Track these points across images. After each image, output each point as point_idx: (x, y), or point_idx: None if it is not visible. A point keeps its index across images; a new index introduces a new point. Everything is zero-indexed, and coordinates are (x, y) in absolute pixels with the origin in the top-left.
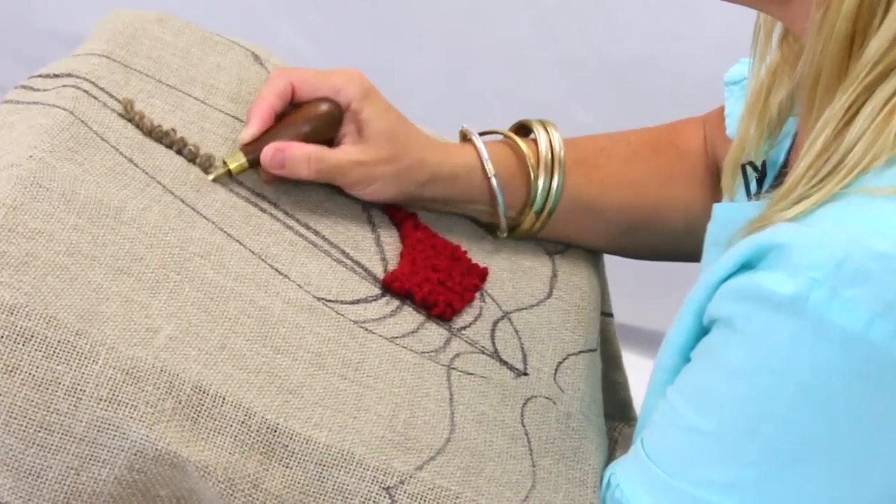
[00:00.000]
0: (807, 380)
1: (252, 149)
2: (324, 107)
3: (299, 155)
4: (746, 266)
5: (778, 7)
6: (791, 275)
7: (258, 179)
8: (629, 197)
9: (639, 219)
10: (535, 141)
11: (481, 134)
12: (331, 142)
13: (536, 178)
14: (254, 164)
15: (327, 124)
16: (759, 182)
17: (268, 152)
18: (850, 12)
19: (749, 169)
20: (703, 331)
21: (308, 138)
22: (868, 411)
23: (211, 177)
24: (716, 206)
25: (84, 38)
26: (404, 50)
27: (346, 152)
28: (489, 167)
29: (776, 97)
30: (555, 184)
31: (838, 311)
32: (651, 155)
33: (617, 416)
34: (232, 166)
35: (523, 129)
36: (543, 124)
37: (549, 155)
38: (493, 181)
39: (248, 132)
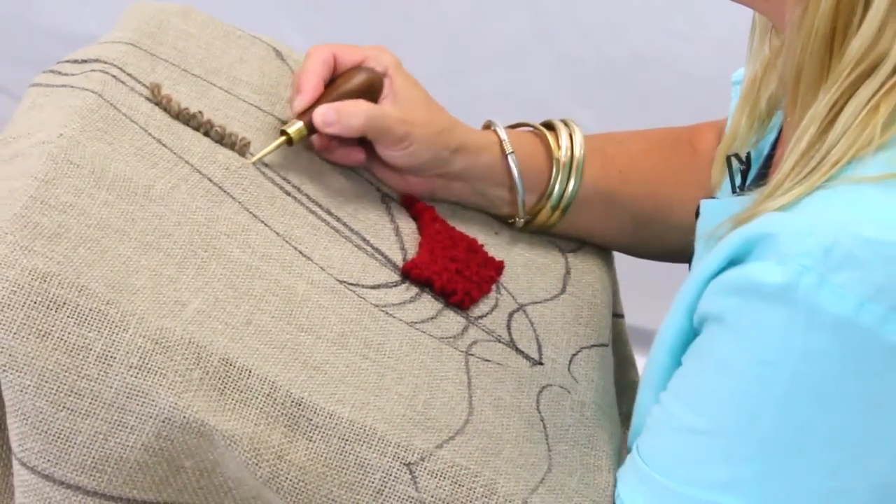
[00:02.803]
0: (800, 368)
1: (306, 117)
2: (366, 74)
3: (351, 108)
4: (734, 261)
5: (761, 2)
6: (780, 263)
7: (284, 162)
8: (646, 188)
9: (654, 211)
10: (557, 136)
11: (510, 127)
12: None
13: (559, 166)
14: (311, 130)
15: (371, 87)
16: (744, 174)
17: (320, 110)
18: (829, 11)
19: (734, 161)
20: (692, 331)
21: (355, 98)
22: (863, 397)
23: (270, 147)
24: (703, 203)
25: (85, 36)
26: (404, 50)
27: (390, 109)
28: (507, 146)
29: (766, 90)
30: (572, 182)
31: (828, 297)
32: (669, 151)
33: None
34: (291, 131)
35: (547, 127)
36: (566, 123)
37: (570, 151)
38: (511, 159)
39: (302, 100)
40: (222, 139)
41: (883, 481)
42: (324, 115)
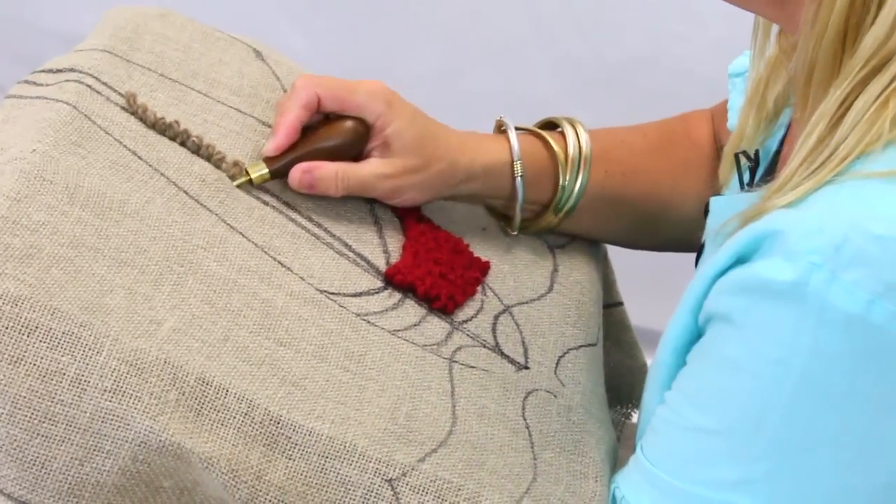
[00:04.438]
0: (810, 366)
1: (276, 161)
2: (350, 123)
3: (327, 174)
4: (742, 259)
5: (772, 9)
6: (789, 260)
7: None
8: (648, 188)
9: (656, 209)
10: (563, 135)
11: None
12: (358, 156)
13: (564, 177)
14: (275, 175)
15: (354, 140)
16: (752, 171)
17: (295, 174)
18: (843, 8)
19: (742, 158)
20: (697, 330)
21: (334, 153)
22: (873, 394)
23: (234, 184)
24: (712, 200)
25: (83, 36)
26: (403, 50)
27: (372, 166)
28: (518, 168)
29: (773, 90)
30: (578, 183)
31: (839, 295)
32: (669, 147)
33: (635, 402)
34: (254, 176)
35: (550, 126)
36: (571, 122)
37: (577, 153)
38: (519, 181)
39: (274, 144)
40: (199, 149)
41: (894, 480)
42: (301, 180)
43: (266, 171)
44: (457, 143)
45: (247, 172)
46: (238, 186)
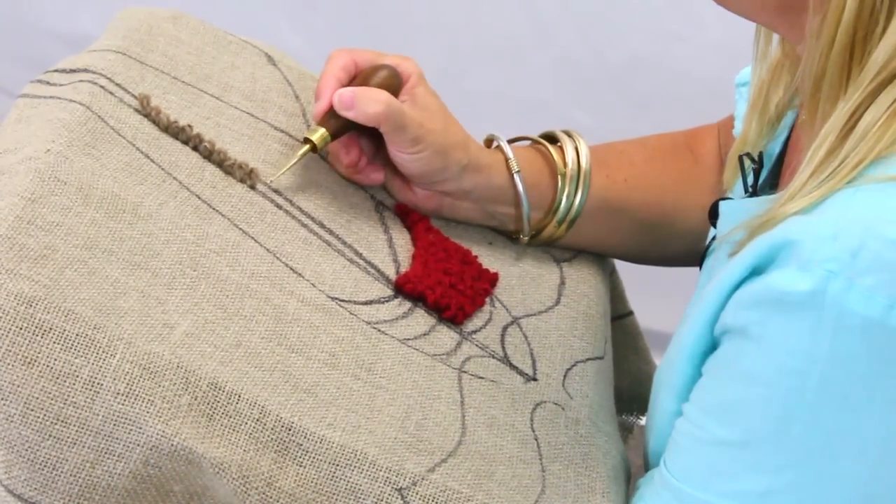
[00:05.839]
0: (828, 373)
1: (328, 121)
2: (384, 72)
3: (372, 94)
4: (757, 270)
5: (775, 18)
6: (805, 270)
7: (274, 176)
8: (652, 196)
9: (660, 217)
10: (561, 149)
11: (510, 141)
12: None
13: (563, 182)
14: (334, 134)
15: (389, 88)
16: (756, 173)
17: (339, 92)
18: (850, 21)
19: (746, 161)
20: (713, 341)
21: None
22: (893, 398)
23: (296, 157)
24: (721, 204)
25: (83, 37)
26: (403, 50)
27: (410, 110)
28: (513, 164)
29: (775, 95)
30: (579, 195)
31: (856, 300)
32: (670, 158)
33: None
34: (314, 138)
35: (550, 139)
36: (568, 133)
37: (576, 164)
38: (517, 178)
39: (320, 105)
40: (210, 154)
41: None
42: (342, 97)
43: (323, 130)
44: (464, 132)
45: (307, 140)
46: (300, 159)
